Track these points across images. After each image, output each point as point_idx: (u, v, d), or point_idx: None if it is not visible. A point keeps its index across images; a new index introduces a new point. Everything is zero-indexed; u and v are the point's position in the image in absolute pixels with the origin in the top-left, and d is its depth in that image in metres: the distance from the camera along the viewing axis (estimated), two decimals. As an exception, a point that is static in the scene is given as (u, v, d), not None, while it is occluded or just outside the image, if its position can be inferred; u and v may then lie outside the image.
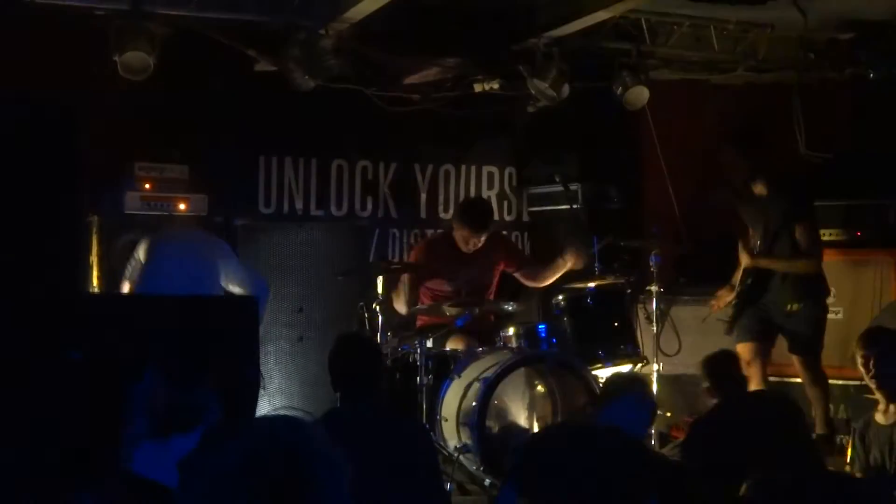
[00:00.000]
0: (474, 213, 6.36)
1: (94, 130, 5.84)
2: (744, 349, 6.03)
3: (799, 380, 6.22)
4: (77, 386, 2.04)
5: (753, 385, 6.00)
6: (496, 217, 7.68)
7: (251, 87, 6.67)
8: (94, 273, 5.98)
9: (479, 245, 6.26)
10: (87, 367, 2.28)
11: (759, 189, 6.13)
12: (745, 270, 6.14)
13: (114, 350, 2.33)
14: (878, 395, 4.74)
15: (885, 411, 4.70)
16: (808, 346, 6.07)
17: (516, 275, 6.52)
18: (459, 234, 6.26)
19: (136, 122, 6.40)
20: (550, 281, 6.37)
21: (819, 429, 5.96)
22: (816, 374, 6.06)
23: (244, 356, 4.05)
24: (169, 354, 2.54)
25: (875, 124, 7.48)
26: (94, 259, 5.97)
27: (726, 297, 6.25)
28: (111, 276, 5.97)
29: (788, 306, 6.00)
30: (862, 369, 4.74)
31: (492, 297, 6.38)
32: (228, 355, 3.57)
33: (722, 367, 4.74)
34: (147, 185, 6.20)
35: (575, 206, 6.94)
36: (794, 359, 6.13)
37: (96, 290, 5.92)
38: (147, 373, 2.28)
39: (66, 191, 4.63)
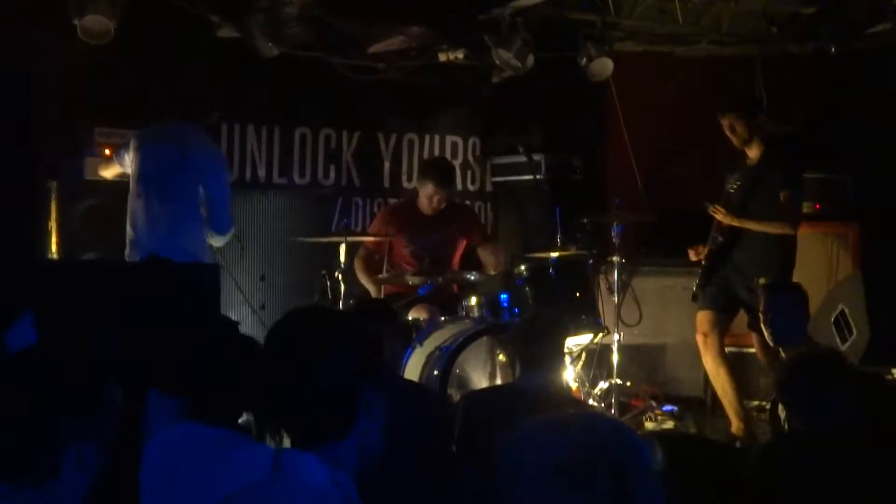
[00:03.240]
0: (438, 168, 6.59)
1: (52, 95, 5.76)
2: (704, 317, 6.03)
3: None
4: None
5: (709, 357, 6.04)
6: (460, 187, 7.69)
7: (213, 53, 6.60)
8: (53, 239, 5.91)
9: (443, 205, 6.31)
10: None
11: (753, 153, 6.04)
12: (718, 228, 6.02)
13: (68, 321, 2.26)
14: None
15: None
16: None
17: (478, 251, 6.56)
18: (423, 193, 6.33)
19: (96, 86, 6.30)
20: (490, 266, 6.37)
21: None
22: (776, 355, 6.04)
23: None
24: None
25: (836, 99, 7.54)
26: (52, 225, 5.90)
27: (701, 252, 6.11)
28: (70, 243, 5.91)
29: (754, 280, 5.91)
30: None
31: (455, 267, 6.40)
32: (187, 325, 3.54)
33: None
34: (107, 151, 6.11)
35: (538, 177, 6.97)
36: (753, 337, 6.04)
37: (55, 256, 5.86)
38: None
39: (23, 156, 4.56)
